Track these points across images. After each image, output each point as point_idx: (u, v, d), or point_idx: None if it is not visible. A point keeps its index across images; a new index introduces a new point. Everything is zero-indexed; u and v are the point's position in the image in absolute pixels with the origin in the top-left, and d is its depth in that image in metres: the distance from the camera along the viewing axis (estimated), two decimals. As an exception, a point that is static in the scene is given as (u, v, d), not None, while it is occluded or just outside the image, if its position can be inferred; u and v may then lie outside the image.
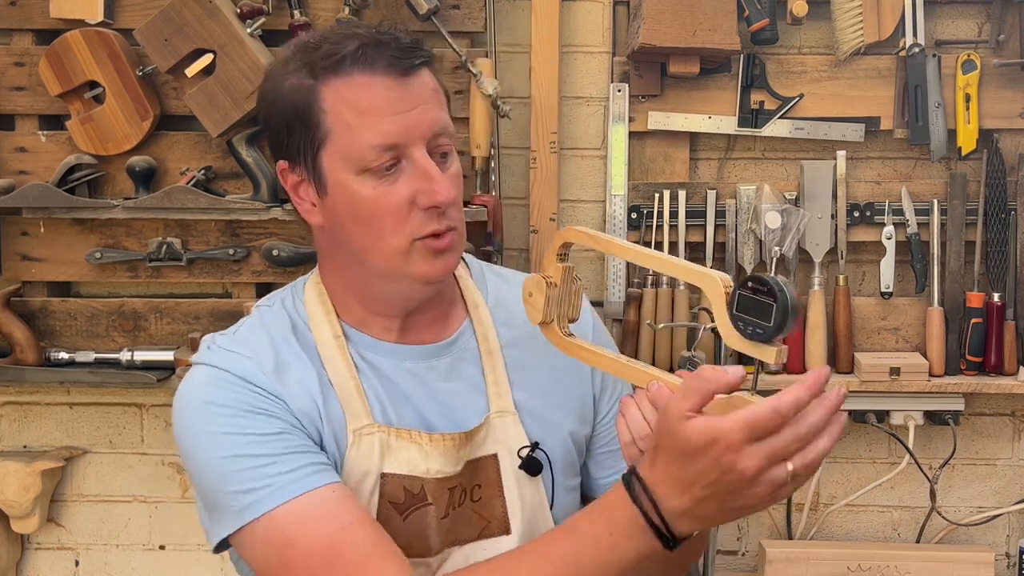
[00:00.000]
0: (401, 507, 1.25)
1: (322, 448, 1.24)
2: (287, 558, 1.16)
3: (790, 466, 0.97)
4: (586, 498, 1.44)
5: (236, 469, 1.18)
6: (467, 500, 1.29)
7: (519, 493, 1.31)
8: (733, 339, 1.06)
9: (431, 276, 1.25)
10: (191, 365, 1.30)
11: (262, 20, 1.93)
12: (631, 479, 1.05)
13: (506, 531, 1.30)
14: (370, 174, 1.20)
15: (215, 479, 1.20)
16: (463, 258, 1.40)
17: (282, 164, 1.26)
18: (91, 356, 2.01)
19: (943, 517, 2.13)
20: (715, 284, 1.06)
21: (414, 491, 1.26)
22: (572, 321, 1.25)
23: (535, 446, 1.31)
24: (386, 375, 1.29)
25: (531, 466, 1.31)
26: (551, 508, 1.34)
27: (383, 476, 1.25)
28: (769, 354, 1.04)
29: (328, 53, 1.20)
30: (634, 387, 1.18)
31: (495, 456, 1.31)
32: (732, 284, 1.06)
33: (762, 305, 1.03)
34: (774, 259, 1.99)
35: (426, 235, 1.22)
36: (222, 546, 1.23)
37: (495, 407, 1.32)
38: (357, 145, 1.19)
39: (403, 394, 1.29)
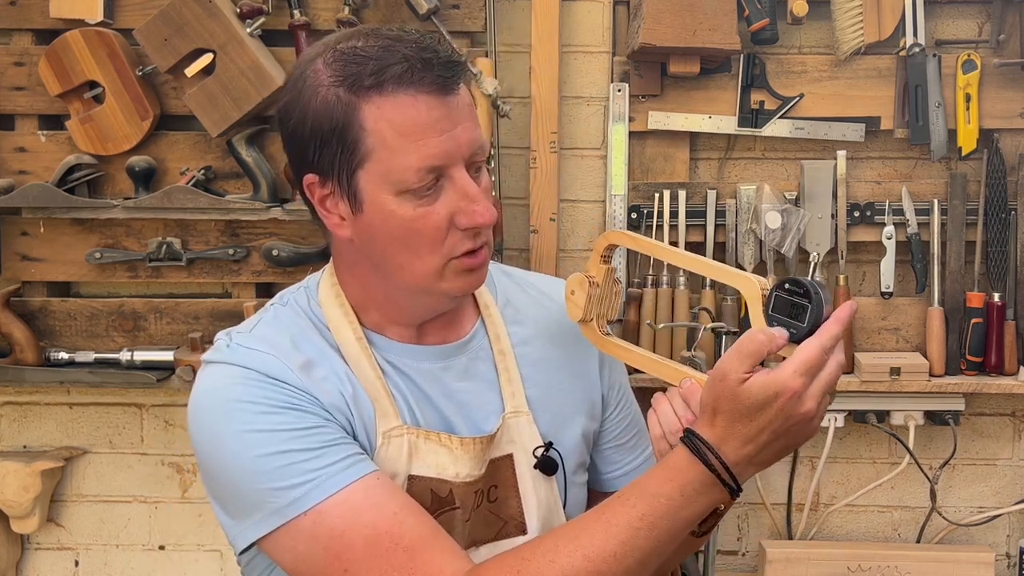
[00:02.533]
0: (428, 510, 1.22)
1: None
2: (336, 551, 1.14)
3: (828, 394, 1.09)
4: (591, 493, 1.44)
5: (276, 466, 1.15)
6: (484, 501, 1.29)
7: (534, 493, 1.31)
8: None
9: (463, 292, 1.25)
10: (201, 364, 1.26)
11: (262, 20, 1.93)
12: (696, 442, 1.09)
13: (522, 531, 1.30)
14: (410, 195, 1.17)
15: (250, 478, 1.16)
16: None
17: (310, 178, 1.21)
18: (91, 356, 2.01)
19: (943, 517, 2.13)
20: (752, 285, 1.11)
21: (442, 494, 1.25)
22: (611, 322, 1.29)
23: (549, 445, 1.31)
24: (409, 376, 1.28)
25: (546, 466, 1.31)
26: (564, 506, 1.34)
27: (411, 478, 1.24)
28: None
29: (372, 71, 1.15)
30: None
31: (510, 456, 1.31)
32: (768, 286, 1.12)
33: (797, 306, 1.08)
34: (818, 258, 2.01)
35: (461, 254, 1.21)
36: (247, 550, 1.20)
37: (510, 406, 1.31)
38: (399, 167, 1.16)
39: (425, 395, 1.28)
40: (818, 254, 2.02)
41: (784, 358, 1.07)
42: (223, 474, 1.19)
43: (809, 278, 1.12)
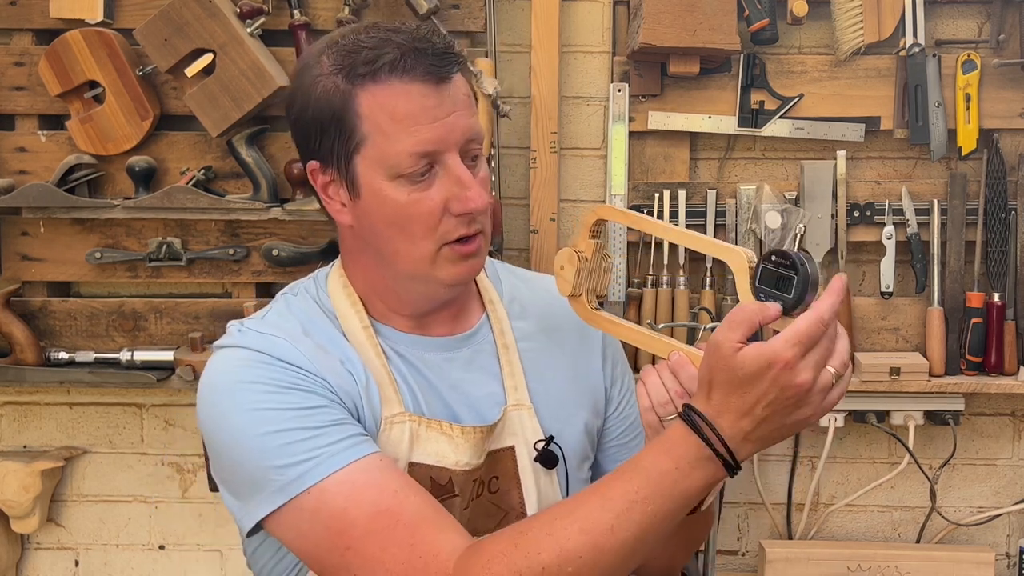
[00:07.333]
0: None
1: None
2: (338, 528, 1.15)
3: (831, 368, 1.05)
4: None
5: (279, 444, 1.17)
6: (485, 492, 1.31)
7: (535, 485, 1.33)
8: None
9: (457, 279, 1.27)
10: (211, 352, 1.29)
11: (262, 20, 1.93)
12: (691, 415, 1.08)
13: None
14: (404, 180, 1.21)
15: (254, 457, 1.18)
16: None
17: (312, 164, 1.27)
18: (91, 356, 2.01)
19: (943, 517, 2.13)
20: (739, 257, 1.11)
21: (441, 482, 1.27)
22: (600, 296, 1.29)
23: (550, 439, 1.33)
24: (414, 365, 1.31)
25: (547, 459, 1.33)
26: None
27: (411, 466, 1.26)
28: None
29: (366, 60, 1.20)
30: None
31: (512, 448, 1.33)
32: (755, 258, 1.11)
33: (784, 278, 1.07)
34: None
35: (454, 240, 1.24)
36: (255, 529, 1.21)
37: (512, 400, 1.34)
38: (393, 152, 1.20)
39: (430, 384, 1.31)
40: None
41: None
42: (229, 454, 1.21)
43: (794, 249, 1.11)
